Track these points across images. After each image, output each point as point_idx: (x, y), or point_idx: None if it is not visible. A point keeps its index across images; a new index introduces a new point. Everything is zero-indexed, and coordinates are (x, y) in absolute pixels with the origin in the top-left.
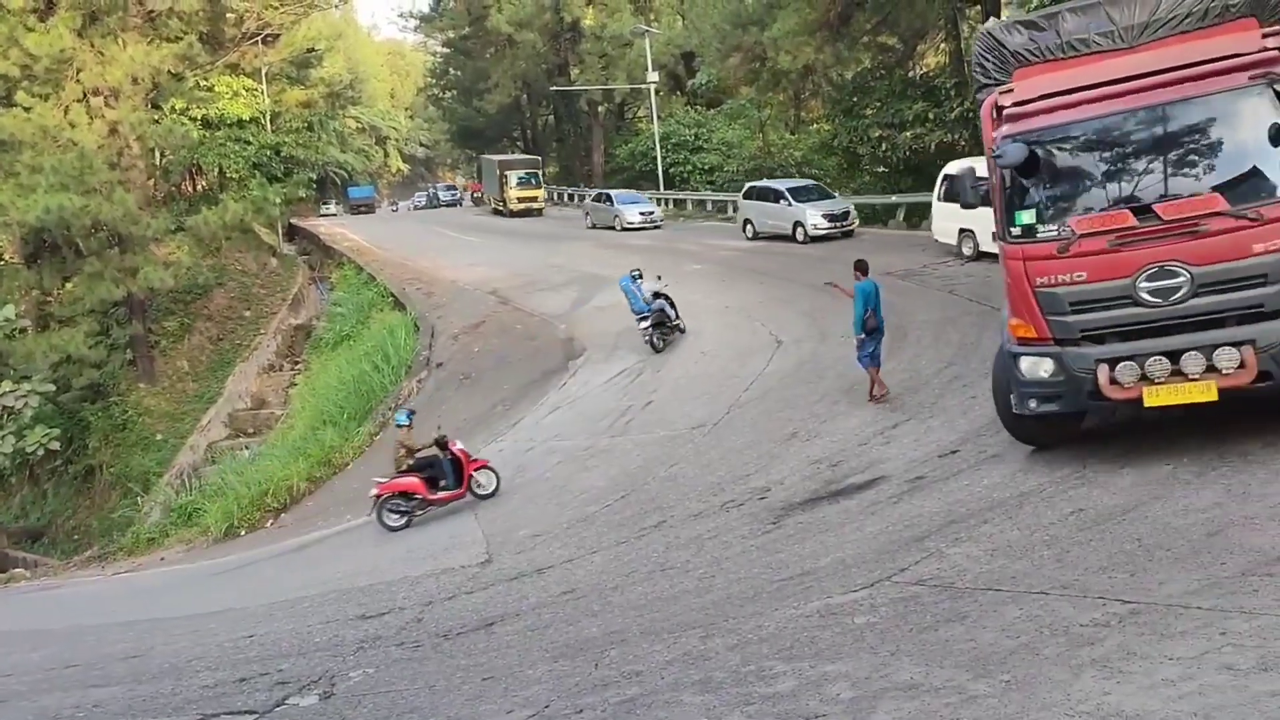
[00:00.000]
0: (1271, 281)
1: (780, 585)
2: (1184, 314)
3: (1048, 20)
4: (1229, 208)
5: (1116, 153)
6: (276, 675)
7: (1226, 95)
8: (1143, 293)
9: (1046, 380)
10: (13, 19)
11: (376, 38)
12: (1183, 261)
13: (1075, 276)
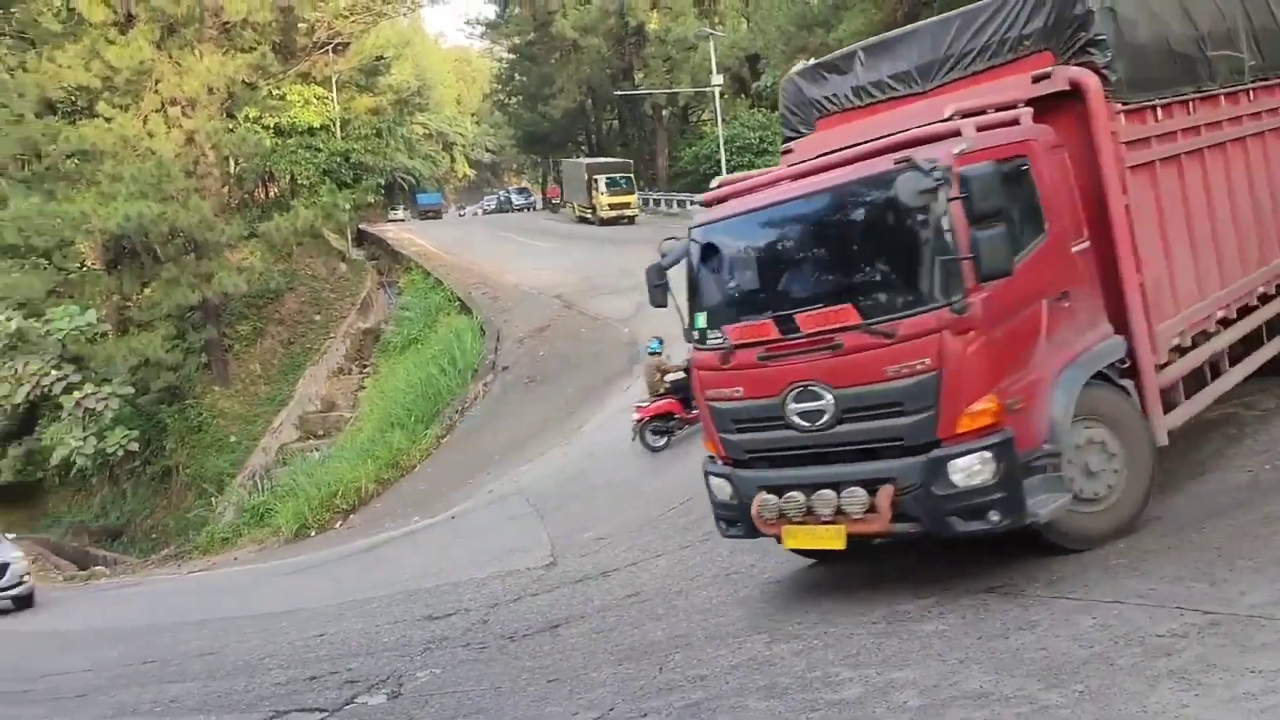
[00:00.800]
0: (908, 411)
1: (845, 590)
2: (830, 442)
3: (846, 62)
4: (861, 322)
5: (775, 252)
6: (346, 674)
7: (870, 184)
8: (792, 414)
9: (727, 503)
10: (95, 32)
11: (443, 45)
12: (824, 381)
13: (734, 391)
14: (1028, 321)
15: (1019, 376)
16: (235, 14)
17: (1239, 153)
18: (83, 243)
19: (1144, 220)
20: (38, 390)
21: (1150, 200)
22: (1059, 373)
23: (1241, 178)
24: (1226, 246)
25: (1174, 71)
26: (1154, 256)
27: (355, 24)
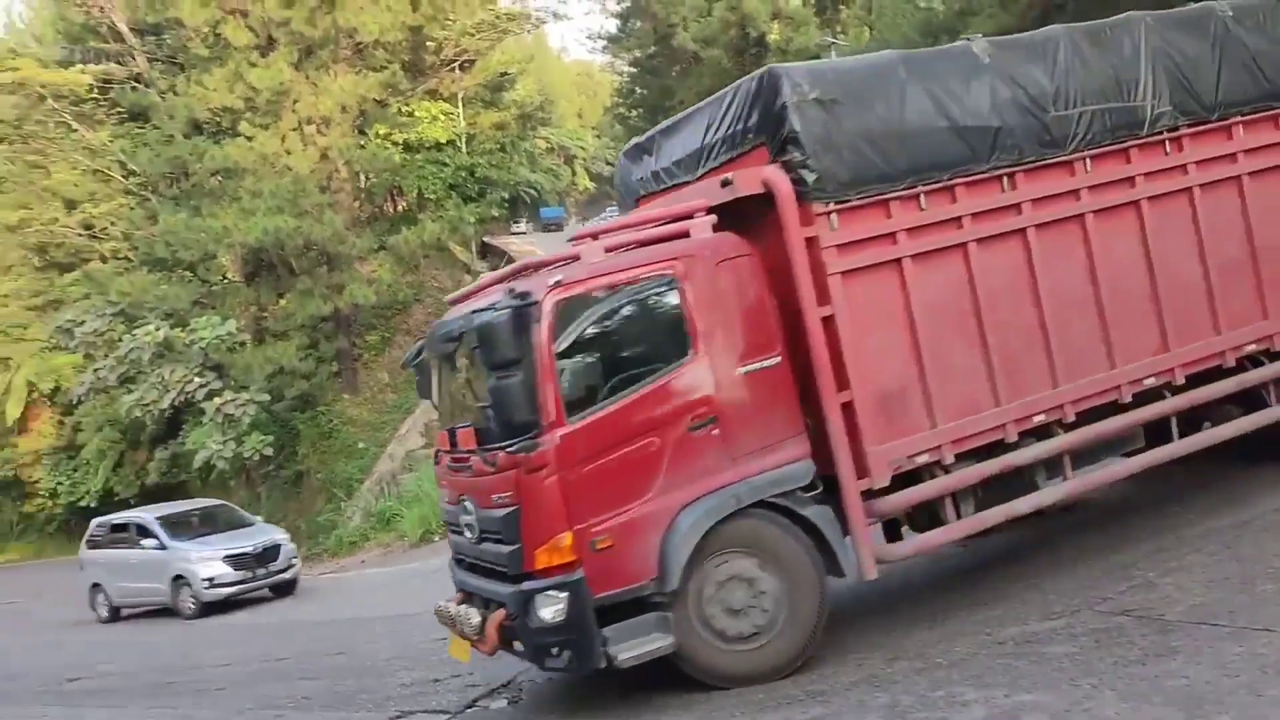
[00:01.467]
0: (505, 540)
1: (970, 610)
2: (479, 556)
3: (650, 142)
4: (478, 447)
5: (447, 368)
6: (468, 678)
7: (478, 312)
8: (462, 524)
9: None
10: (239, 56)
11: (566, 59)
12: (471, 497)
13: (442, 494)
14: (634, 456)
15: (612, 514)
16: (369, 35)
17: (1107, 227)
18: (224, 256)
19: (871, 328)
20: (182, 396)
21: (889, 305)
22: (686, 507)
23: (1088, 261)
24: (1057, 344)
25: (931, 156)
26: (884, 367)
27: (481, 41)
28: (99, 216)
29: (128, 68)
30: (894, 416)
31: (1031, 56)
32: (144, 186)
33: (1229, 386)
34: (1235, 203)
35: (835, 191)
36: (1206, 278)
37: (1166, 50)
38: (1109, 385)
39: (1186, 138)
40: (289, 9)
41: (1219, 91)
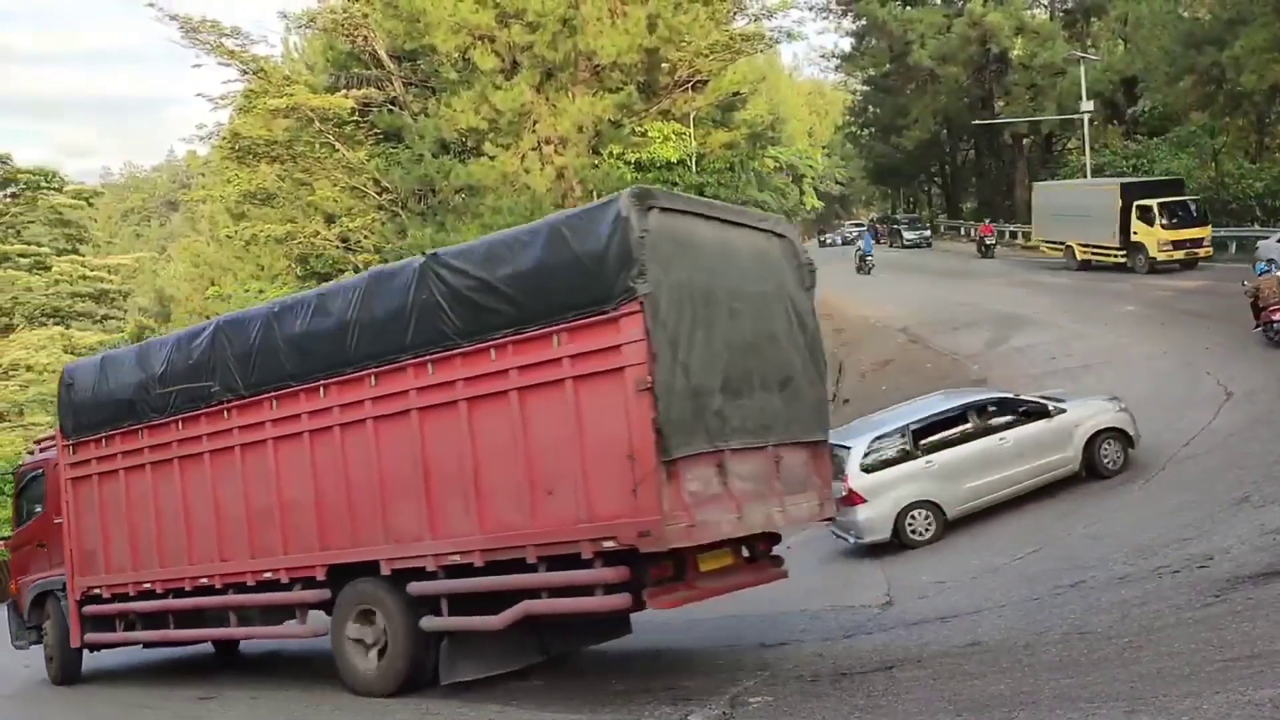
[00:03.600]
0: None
1: (1223, 666)
2: None
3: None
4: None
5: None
6: (679, 690)
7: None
8: None
9: None
10: (485, 79)
11: (797, 78)
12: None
13: None
14: (29, 550)
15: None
16: (606, 57)
17: (231, 458)
18: None
19: (84, 512)
20: None
21: (91, 499)
22: (32, 582)
23: (232, 478)
24: (195, 535)
25: (110, 415)
26: (90, 534)
27: (715, 62)
28: (354, 230)
29: (385, 92)
30: (90, 564)
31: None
32: (395, 202)
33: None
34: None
35: (73, 435)
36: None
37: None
38: (229, 571)
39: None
40: (533, 34)
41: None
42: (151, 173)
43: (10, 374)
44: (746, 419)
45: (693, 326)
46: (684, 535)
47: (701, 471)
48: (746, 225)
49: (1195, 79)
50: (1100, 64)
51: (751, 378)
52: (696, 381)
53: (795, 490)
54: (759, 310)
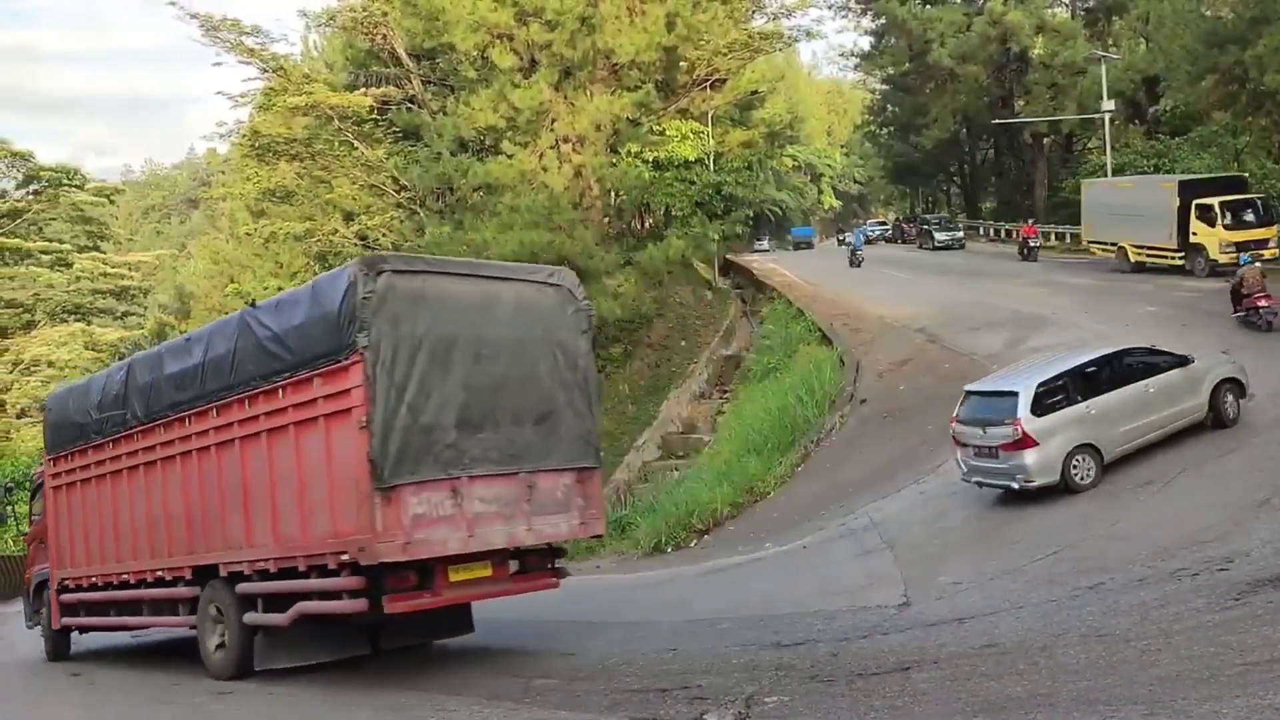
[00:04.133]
0: None
1: (1243, 670)
2: None
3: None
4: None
5: None
6: (695, 690)
7: None
8: None
9: None
10: (503, 77)
11: (816, 77)
12: None
13: None
14: (36, 546)
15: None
16: (625, 56)
17: (138, 474)
18: None
19: (59, 515)
20: None
21: (62, 505)
22: (35, 573)
23: (139, 491)
24: (119, 537)
25: (70, 436)
26: (63, 534)
27: (733, 61)
28: (373, 228)
29: (404, 90)
30: (62, 559)
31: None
32: (413, 201)
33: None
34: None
35: (52, 451)
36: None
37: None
38: (137, 569)
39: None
40: (551, 32)
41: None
42: (172, 170)
43: (32, 370)
44: (490, 450)
45: (426, 372)
46: (398, 551)
47: (430, 496)
48: (514, 279)
49: (1217, 78)
50: (1121, 63)
51: (498, 414)
52: (427, 420)
53: (552, 511)
54: (516, 354)
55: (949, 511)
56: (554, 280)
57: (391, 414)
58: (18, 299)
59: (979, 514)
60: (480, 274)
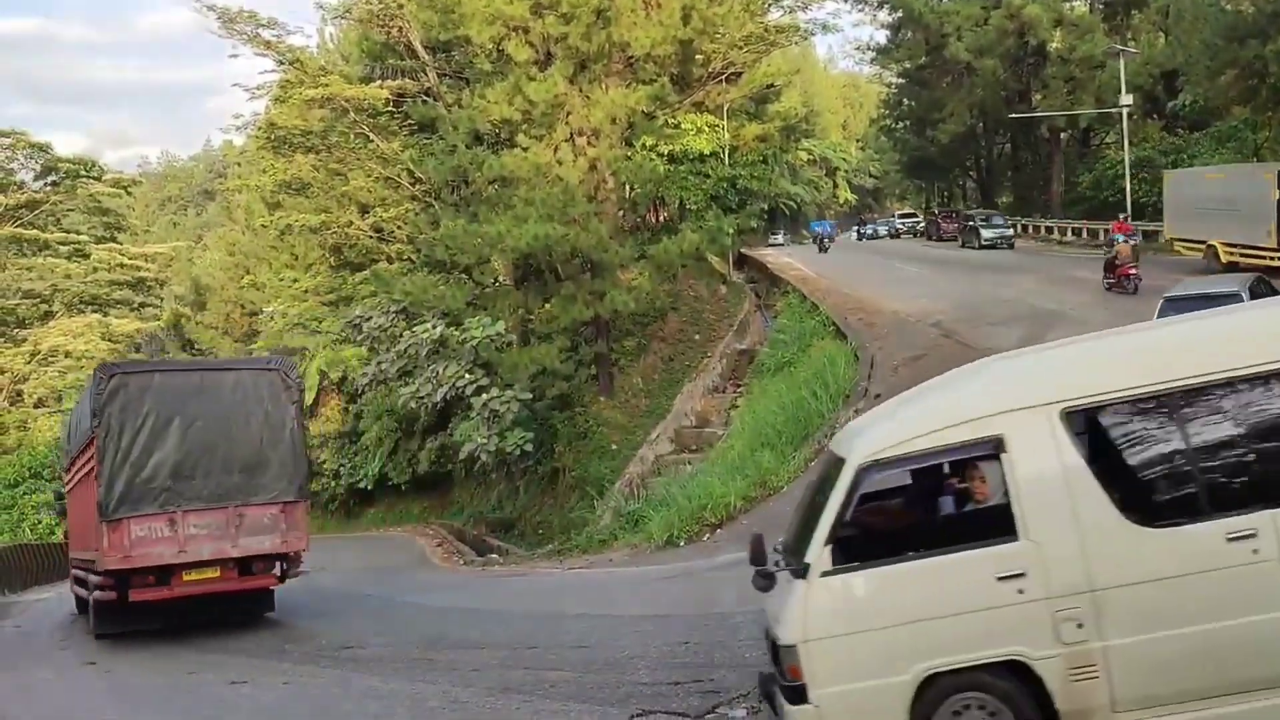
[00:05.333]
0: None
1: None
2: None
3: None
4: None
5: None
6: (709, 684)
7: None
8: None
9: None
10: (519, 70)
11: (832, 71)
12: None
13: None
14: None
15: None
16: (640, 49)
17: (81, 487)
18: (497, 260)
19: (71, 508)
20: (453, 391)
21: (70, 500)
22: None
23: (79, 498)
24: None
25: (71, 449)
26: (75, 525)
27: (749, 54)
28: (388, 221)
29: (419, 83)
30: (76, 542)
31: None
32: (428, 193)
33: None
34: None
35: (66, 456)
36: None
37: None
38: (80, 556)
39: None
40: (567, 25)
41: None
42: (188, 162)
43: (49, 360)
44: (202, 491)
45: (148, 440)
46: (118, 562)
47: (150, 524)
48: (234, 368)
49: (1237, 73)
50: (1140, 57)
51: (210, 465)
52: (147, 474)
53: (259, 532)
54: (227, 422)
55: None
56: (270, 367)
57: (116, 471)
58: (35, 290)
59: None
60: (204, 368)
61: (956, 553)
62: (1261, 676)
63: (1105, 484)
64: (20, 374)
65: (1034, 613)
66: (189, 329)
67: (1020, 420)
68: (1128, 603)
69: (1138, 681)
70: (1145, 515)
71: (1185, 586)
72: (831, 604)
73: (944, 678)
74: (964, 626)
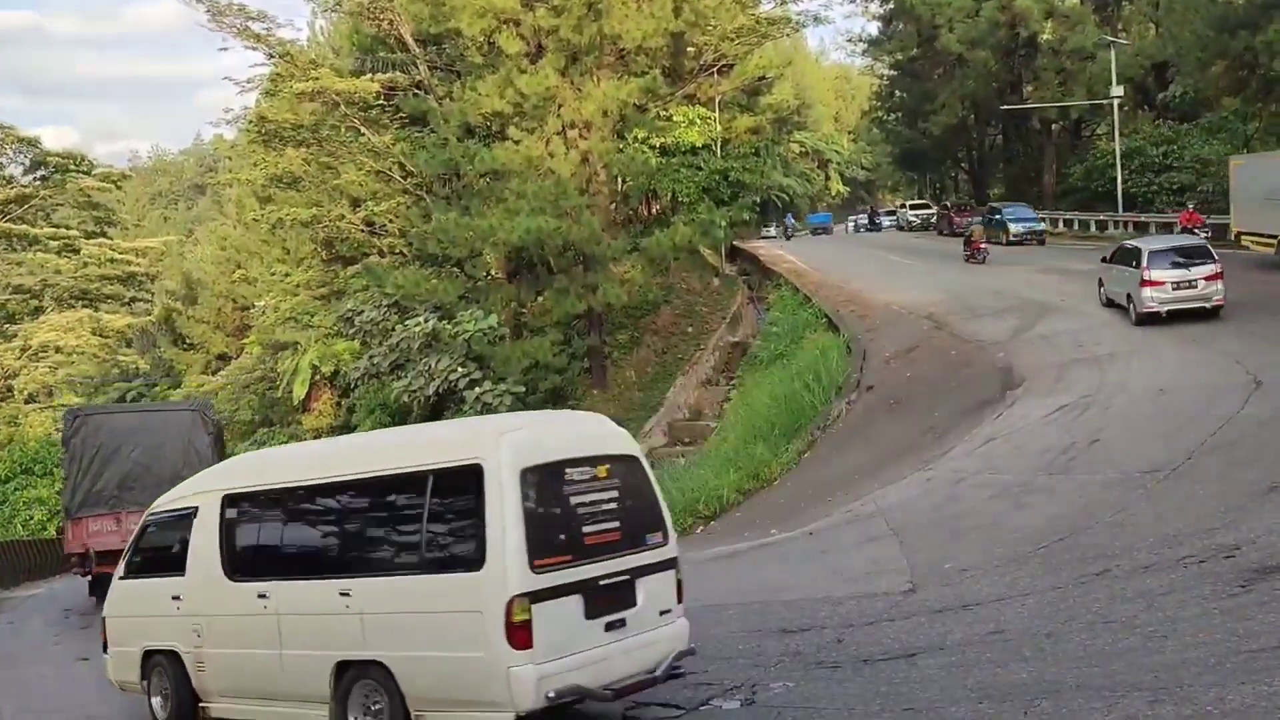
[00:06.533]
0: None
1: (1249, 657)
2: None
3: None
4: None
5: None
6: (702, 676)
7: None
8: None
9: None
10: (510, 63)
11: (824, 63)
12: None
13: None
14: None
15: None
16: (631, 41)
17: None
18: (489, 254)
19: None
20: (446, 385)
21: None
22: None
23: None
24: None
25: None
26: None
27: (741, 46)
28: (380, 214)
29: (410, 76)
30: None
31: None
32: (420, 187)
33: None
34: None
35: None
36: None
37: None
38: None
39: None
40: (558, 17)
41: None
42: (179, 156)
43: (40, 356)
44: (139, 498)
45: (101, 462)
46: (78, 548)
47: (102, 523)
48: (165, 410)
49: (1228, 64)
50: (1131, 48)
51: (146, 480)
52: (100, 485)
53: None
54: (159, 450)
55: (955, 498)
56: (191, 409)
57: (78, 483)
58: (25, 285)
59: (985, 501)
60: (142, 410)
61: (161, 578)
62: (259, 689)
63: (220, 547)
64: (10, 369)
65: (182, 623)
66: (180, 324)
67: (207, 499)
68: (217, 626)
69: (220, 678)
70: (232, 572)
71: (238, 622)
72: (117, 596)
73: (152, 654)
74: (157, 624)
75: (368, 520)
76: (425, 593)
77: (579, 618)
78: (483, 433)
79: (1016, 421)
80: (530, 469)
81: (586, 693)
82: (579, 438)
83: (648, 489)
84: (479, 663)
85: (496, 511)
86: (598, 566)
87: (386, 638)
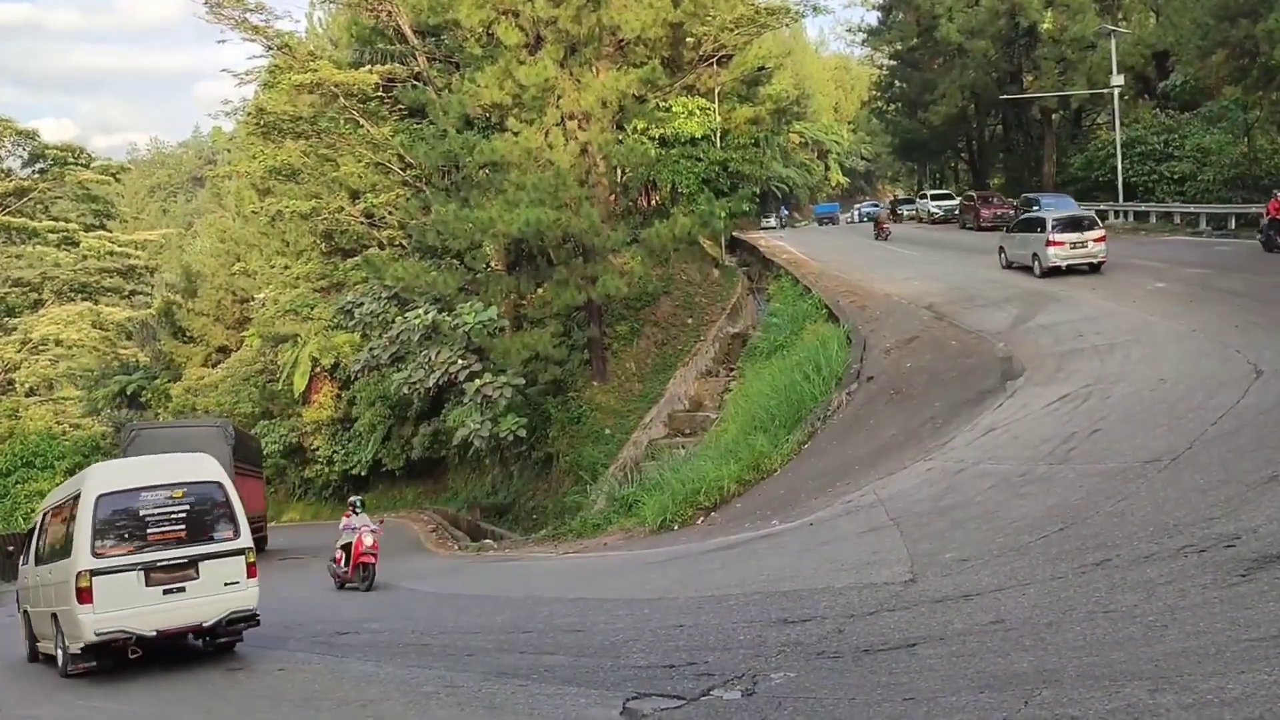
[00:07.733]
0: None
1: (1250, 646)
2: None
3: None
4: None
5: None
6: (703, 666)
7: None
8: None
9: None
10: (509, 54)
11: (823, 54)
12: None
13: None
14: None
15: None
16: (630, 32)
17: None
18: (489, 245)
19: None
20: (446, 377)
21: None
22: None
23: None
24: None
25: None
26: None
27: (740, 36)
28: (379, 206)
29: (409, 67)
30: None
31: None
32: (419, 178)
33: None
34: None
35: None
36: None
37: None
38: None
39: None
40: (557, 8)
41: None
42: (178, 149)
43: (40, 349)
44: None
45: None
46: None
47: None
48: (198, 426)
49: (1228, 53)
50: (1131, 37)
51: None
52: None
53: None
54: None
55: (955, 488)
56: (217, 425)
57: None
58: (25, 278)
59: (985, 491)
60: (181, 425)
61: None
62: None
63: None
64: (11, 363)
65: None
66: (180, 316)
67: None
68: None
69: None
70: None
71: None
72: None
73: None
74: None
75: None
76: (56, 572)
77: (139, 586)
78: (83, 475)
79: (1017, 411)
80: (104, 494)
81: (132, 631)
82: (160, 472)
83: (224, 502)
84: (70, 610)
85: (82, 521)
86: (158, 555)
87: (55, 597)
